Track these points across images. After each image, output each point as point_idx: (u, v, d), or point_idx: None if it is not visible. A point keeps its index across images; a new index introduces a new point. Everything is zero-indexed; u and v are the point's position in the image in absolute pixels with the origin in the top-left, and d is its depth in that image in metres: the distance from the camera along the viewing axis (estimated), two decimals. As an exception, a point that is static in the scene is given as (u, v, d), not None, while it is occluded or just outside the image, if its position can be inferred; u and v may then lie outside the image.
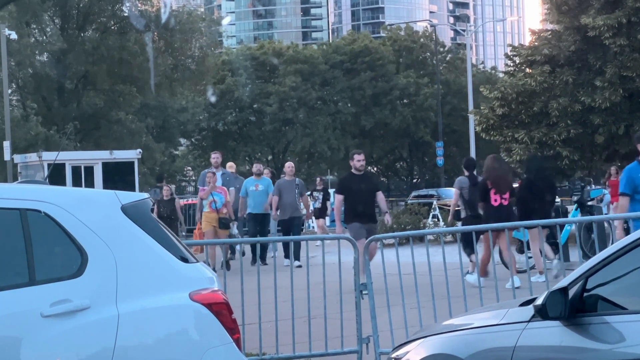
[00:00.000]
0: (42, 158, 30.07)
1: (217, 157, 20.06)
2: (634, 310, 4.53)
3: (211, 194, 18.06)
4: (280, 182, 19.74)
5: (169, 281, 5.00)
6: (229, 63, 66.91)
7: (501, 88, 23.88)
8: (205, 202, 18.10)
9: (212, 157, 20.16)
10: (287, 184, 19.43)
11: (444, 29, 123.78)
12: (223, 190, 18.38)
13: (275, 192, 19.21)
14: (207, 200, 18.05)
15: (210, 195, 18.05)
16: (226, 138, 67.48)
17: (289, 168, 19.94)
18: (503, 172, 14.48)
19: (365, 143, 67.50)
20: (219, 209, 17.95)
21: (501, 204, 14.11)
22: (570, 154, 22.71)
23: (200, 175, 19.89)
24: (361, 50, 68.16)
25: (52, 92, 48.11)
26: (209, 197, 18.04)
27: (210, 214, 18.02)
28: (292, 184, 19.42)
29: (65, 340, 4.69)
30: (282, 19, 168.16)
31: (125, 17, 47.74)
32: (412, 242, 9.32)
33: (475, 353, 5.04)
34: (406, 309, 8.97)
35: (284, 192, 19.18)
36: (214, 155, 20.26)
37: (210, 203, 17.99)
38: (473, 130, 40.07)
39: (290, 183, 19.44)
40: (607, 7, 22.77)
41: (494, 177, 14.22)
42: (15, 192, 5.06)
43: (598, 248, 8.99)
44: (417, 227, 22.38)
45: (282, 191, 19.19)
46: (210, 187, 18.09)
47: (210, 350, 4.92)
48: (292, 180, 19.55)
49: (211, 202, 17.98)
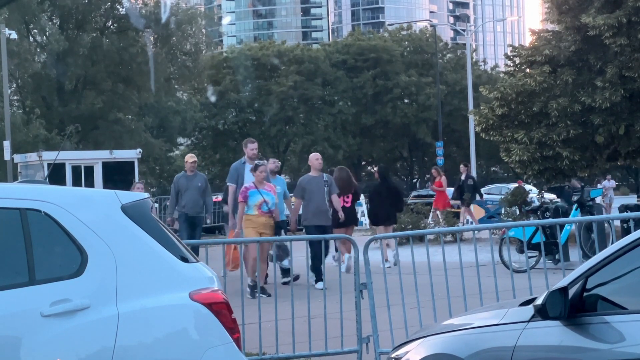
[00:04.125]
0: (42, 158, 30.07)
1: (256, 148, 15.99)
2: (634, 310, 4.53)
3: (259, 192, 14.54)
4: (305, 179, 15.53)
5: (169, 281, 5.00)
6: (230, 62, 66.94)
7: (501, 88, 23.86)
8: (252, 204, 14.42)
9: (250, 148, 15.81)
10: (314, 181, 15.34)
11: (444, 29, 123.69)
12: (271, 187, 14.74)
13: (298, 193, 15.34)
14: (256, 200, 14.42)
15: (258, 194, 14.49)
16: (226, 137, 67.48)
17: (317, 161, 15.64)
18: (345, 179, 16.79)
19: (366, 142, 67.60)
20: (271, 210, 14.42)
21: (344, 205, 16.28)
22: (570, 154, 22.69)
23: (231, 170, 15.96)
24: (368, 47, 68.17)
25: (51, 92, 48.16)
26: (258, 197, 14.45)
27: (258, 218, 14.34)
28: (320, 181, 15.30)
29: (65, 340, 4.69)
30: (282, 18, 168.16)
31: (123, 17, 47.80)
32: (412, 242, 9.33)
33: (475, 353, 5.04)
34: (406, 309, 8.97)
35: (311, 192, 15.22)
36: (251, 146, 15.88)
37: (260, 204, 14.39)
38: (473, 130, 40.07)
39: (317, 180, 15.33)
40: (608, 6, 22.75)
41: (339, 183, 16.21)
42: (15, 192, 5.06)
43: (598, 248, 8.99)
44: (417, 227, 22.37)
45: (307, 191, 15.27)
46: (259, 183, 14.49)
47: (210, 350, 4.92)
48: (319, 176, 15.40)
49: (261, 203, 14.40)
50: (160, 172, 62.64)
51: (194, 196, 16.72)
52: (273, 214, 14.37)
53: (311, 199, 15.10)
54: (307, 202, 15.15)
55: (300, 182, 15.55)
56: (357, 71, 68.15)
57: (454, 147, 66.97)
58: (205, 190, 17.01)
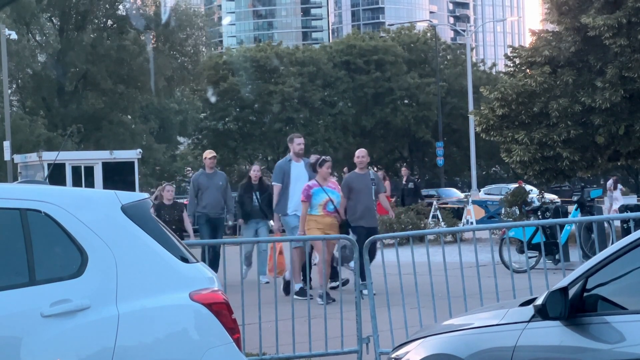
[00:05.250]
0: (42, 158, 30.08)
1: (303, 143, 14.85)
2: (634, 310, 4.53)
3: (323, 190, 13.33)
4: (351, 177, 14.18)
5: (169, 281, 5.00)
6: (230, 63, 66.96)
7: (501, 88, 23.87)
8: (316, 203, 13.30)
9: (297, 143, 14.64)
10: (361, 180, 13.99)
11: (444, 29, 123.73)
12: (336, 185, 13.73)
13: (345, 191, 13.91)
14: (320, 199, 13.31)
15: (322, 192, 13.31)
16: (227, 138, 67.51)
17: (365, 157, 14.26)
18: None
19: (366, 143, 67.61)
20: (337, 209, 13.41)
21: None
22: (570, 154, 22.70)
23: (276, 168, 14.86)
24: (370, 48, 68.15)
25: (52, 92, 48.17)
26: (322, 196, 13.31)
27: (324, 218, 13.23)
28: (367, 179, 14.08)
29: (65, 340, 4.69)
30: (282, 19, 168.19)
31: (123, 17, 47.82)
32: (412, 242, 9.32)
33: (475, 353, 5.04)
34: (406, 309, 8.97)
35: (358, 191, 13.90)
36: (298, 141, 14.73)
37: (325, 203, 13.29)
38: (473, 130, 40.07)
39: (364, 178, 14.06)
40: (608, 7, 22.76)
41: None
42: (15, 192, 5.06)
43: (598, 248, 8.98)
44: (417, 227, 22.37)
45: (354, 190, 13.91)
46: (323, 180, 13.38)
47: (210, 350, 4.92)
48: (366, 174, 14.17)
49: (326, 202, 13.30)
50: (161, 172, 62.73)
51: (215, 196, 15.97)
52: (339, 212, 13.35)
53: (359, 198, 13.77)
54: (355, 202, 13.77)
55: (346, 180, 14.14)
56: (357, 72, 68.16)
57: (454, 148, 66.97)
58: (226, 189, 16.27)
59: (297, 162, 14.38)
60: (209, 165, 16.20)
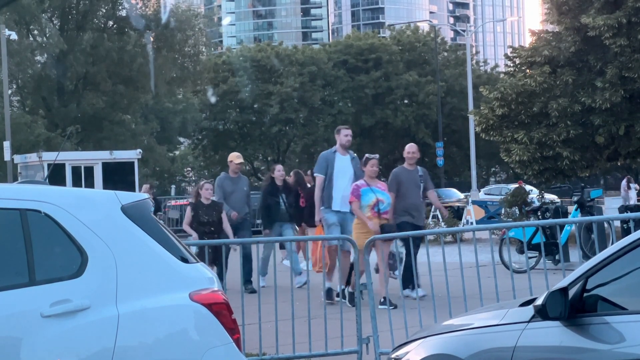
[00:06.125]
0: (42, 158, 30.10)
1: (350, 134, 13.84)
2: (634, 311, 4.53)
3: (371, 190, 12.51)
4: (400, 171, 13.66)
5: (169, 281, 5.00)
6: (230, 63, 66.96)
7: (501, 88, 23.88)
8: (365, 204, 12.45)
9: (344, 134, 13.65)
10: (410, 175, 13.53)
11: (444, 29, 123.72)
12: (384, 185, 12.95)
13: (393, 186, 13.28)
14: (369, 200, 12.47)
15: (371, 192, 12.49)
16: (227, 138, 67.52)
17: (415, 153, 13.77)
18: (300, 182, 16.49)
19: (366, 143, 67.57)
20: (386, 211, 12.60)
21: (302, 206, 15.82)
22: (570, 154, 22.71)
23: (320, 159, 13.91)
24: (368, 47, 68.15)
25: (52, 92, 48.16)
26: (371, 196, 12.49)
27: (372, 220, 12.36)
28: (415, 175, 13.56)
29: (65, 340, 4.69)
30: (282, 19, 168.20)
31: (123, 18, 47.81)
32: (412, 243, 9.31)
33: (475, 353, 5.04)
34: (406, 310, 8.98)
35: (407, 187, 13.40)
36: (345, 132, 13.71)
37: (373, 204, 12.45)
38: (473, 130, 40.07)
39: (412, 174, 13.56)
40: (607, 7, 22.77)
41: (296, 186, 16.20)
42: (15, 192, 5.06)
43: (598, 248, 8.98)
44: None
45: (403, 186, 13.39)
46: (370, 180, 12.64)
47: (210, 351, 4.92)
48: (415, 169, 13.62)
49: (375, 203, 12.46)
50: (161, 172, 62.73)
51: (240, 200, 15.46)
52: (388, 215, 12.53)
53: (406, 194, 13.22)
54: (402, 197, 13.18)
55: (394, 174, 13.53)
56: (357, 72, 68.16)
57: (454, 148, 66.95)
58: (249, 194, 15.83)
59: (343, 155, 13.62)
60: (234, 169, 15.69)
